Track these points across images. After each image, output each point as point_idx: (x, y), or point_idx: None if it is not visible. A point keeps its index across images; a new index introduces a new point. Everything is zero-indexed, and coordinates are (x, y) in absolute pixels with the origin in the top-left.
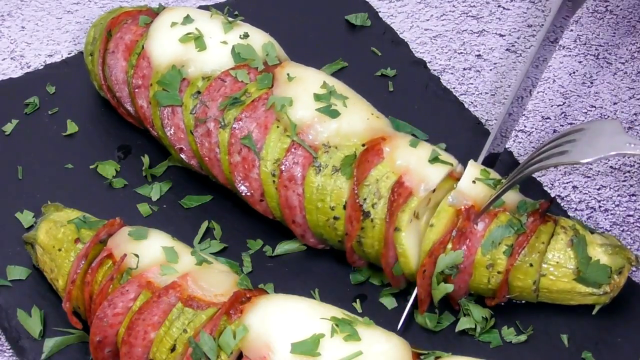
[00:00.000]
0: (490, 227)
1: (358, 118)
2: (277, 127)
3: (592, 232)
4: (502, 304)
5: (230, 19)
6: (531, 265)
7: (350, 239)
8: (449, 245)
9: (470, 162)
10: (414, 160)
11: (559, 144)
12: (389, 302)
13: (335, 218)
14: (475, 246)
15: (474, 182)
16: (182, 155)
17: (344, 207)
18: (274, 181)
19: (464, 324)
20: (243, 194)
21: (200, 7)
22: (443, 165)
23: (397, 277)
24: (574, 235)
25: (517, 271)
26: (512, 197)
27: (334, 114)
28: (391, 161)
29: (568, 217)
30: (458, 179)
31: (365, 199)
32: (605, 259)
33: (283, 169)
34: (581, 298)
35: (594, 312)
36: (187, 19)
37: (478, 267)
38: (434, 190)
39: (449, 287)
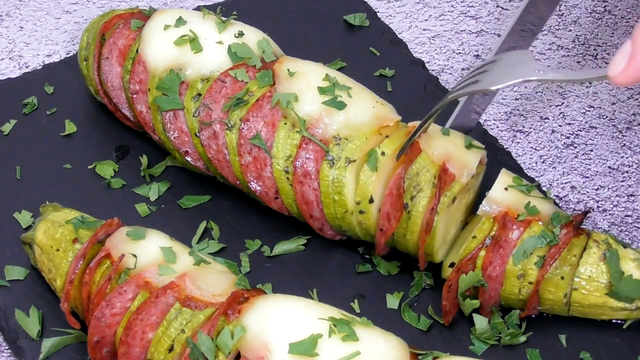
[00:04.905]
0: (522, 237)
1: (364, 107)
2: (285, 124)
3: (625, 246)
4: (533, 316)
5: (223, 18)
6: (562, 278)
7: (385, 236)
8: (482, 252)
9: (503, 170)
10: (452, 147)
11: (473, 75)
12: (389, 302)
13: (362, 212)
14: (508, 255)
15: (506, 189)
16: (188, 158)
17: (370, 201)
18: (287, 178)
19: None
20: (257, 193)
21: (199, 7)
22: (477, 150)
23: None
24: (606, 249)
25: (548, 283)
26: (547, 208)
27: (341, 106)
28: (429, 152)
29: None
30: (483, 163)
31: (404, 192)
32: (638, 274)
33: (297, 165)
34: (613, 313)
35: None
36: (180, 21)
37: (509, 277)
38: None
39: (475, 304)
